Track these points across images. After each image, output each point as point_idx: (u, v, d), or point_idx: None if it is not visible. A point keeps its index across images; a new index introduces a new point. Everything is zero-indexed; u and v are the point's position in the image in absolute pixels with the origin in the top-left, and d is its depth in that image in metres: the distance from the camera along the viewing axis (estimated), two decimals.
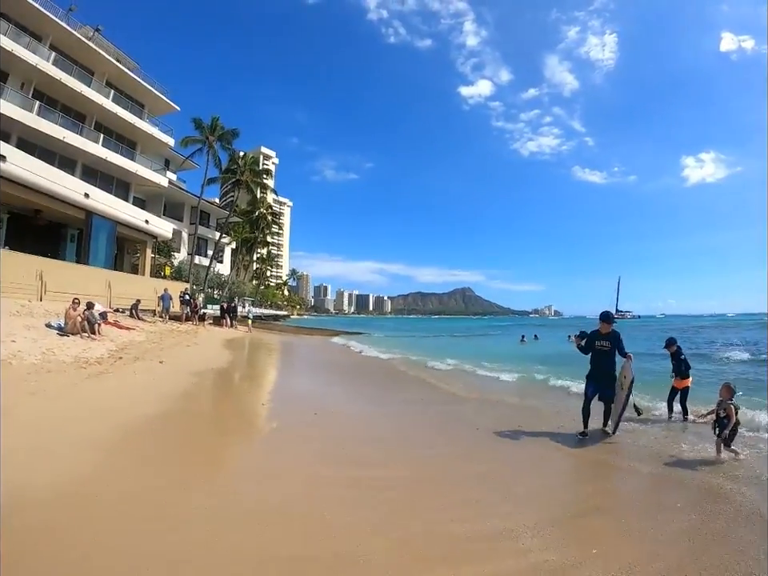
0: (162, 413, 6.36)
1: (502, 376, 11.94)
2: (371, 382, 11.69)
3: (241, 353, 16.36)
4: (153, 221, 27.67)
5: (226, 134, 39.11)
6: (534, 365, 14.46)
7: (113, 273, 22.89)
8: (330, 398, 8.72)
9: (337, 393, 9.54)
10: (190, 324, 23.59)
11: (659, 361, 16.42)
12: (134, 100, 29.61)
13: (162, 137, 31.27)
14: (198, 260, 43.73)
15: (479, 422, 6.77)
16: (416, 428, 6.69)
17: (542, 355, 18.95)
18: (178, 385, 8.43)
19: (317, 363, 15.98)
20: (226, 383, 10.08)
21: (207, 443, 5.33)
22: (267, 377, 12.06)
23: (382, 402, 8.68)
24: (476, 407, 8.12)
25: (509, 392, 9.80)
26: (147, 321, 19.56)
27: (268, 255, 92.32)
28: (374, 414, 7.61)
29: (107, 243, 24.08)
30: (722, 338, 28.68)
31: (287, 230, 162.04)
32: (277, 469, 4.41)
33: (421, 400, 8.78)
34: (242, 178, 42.27)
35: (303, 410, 7.25)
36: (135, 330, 15.35)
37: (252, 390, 9.67)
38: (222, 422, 6.42)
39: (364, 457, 5.01)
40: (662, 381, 8.30)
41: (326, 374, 12.73)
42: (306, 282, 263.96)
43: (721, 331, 40.40)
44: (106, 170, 27.07)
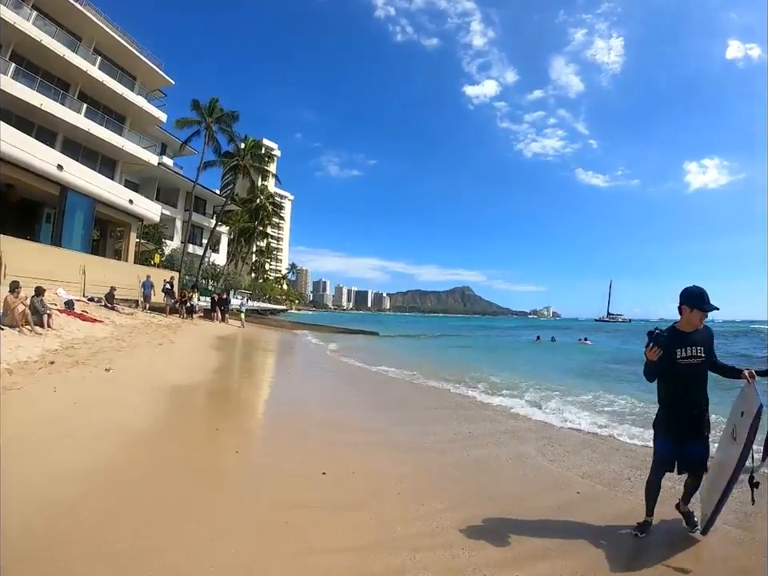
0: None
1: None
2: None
3: (227, 357, 13.05)
4: (138, 201, 25.07)
5: (225, 117, 36.49)
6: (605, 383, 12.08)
7: (89, 257, 20.30)
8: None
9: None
10: (177, 317, 21.20)
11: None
12: (125, 70, 27.01)
13: (153, 111, 28.66)
14: (192, 249, 41.28)
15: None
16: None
17: (588, 366, 17.21)
18: (103, 422, 5.07)
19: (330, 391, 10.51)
20: (185, 421, 5.88)
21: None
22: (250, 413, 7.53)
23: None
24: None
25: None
26: (124, 312, 17.11)
27: (267, 248, 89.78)
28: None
29: (84, 223, 21.47)
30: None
31: (288, 224, 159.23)
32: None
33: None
34: (242, 162, 39.60)
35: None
36: (103, 322, 12.91)
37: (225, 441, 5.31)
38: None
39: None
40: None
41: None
42: (305, 277, 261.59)
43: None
44: (90, 144, 24.57)
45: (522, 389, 10.04)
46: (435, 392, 9.39)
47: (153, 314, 19.74)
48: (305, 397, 8.12)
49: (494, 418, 7.14)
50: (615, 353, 23.66)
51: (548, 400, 8.71)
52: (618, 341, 36.35)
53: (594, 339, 33.85)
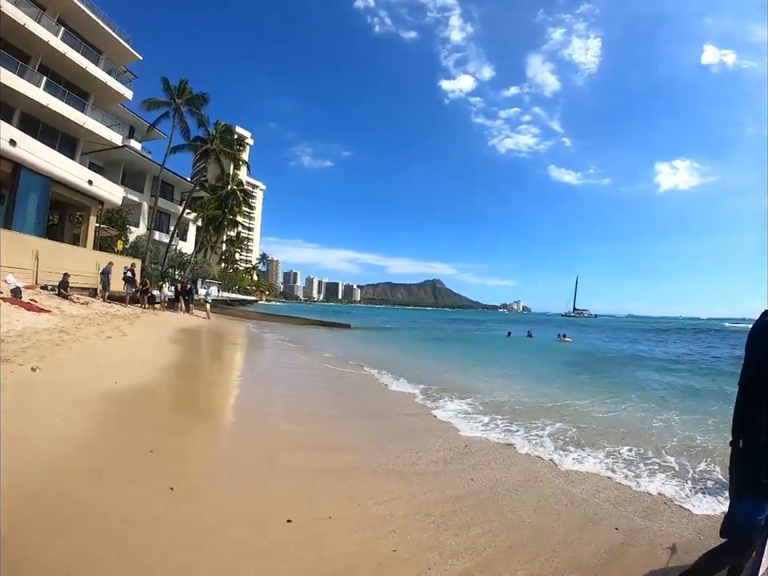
0: None
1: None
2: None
3: (184, 352, 11.50)
4: (98, 182, 23.49)
5: (195, 99, 35.03)
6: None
7: (43, 242, 18.83)
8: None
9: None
10: (138, 307, 20.02)
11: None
12: (90, 44, 25.31)
13: (119, 88, 26.99)
14: (159, 236, 39.71)
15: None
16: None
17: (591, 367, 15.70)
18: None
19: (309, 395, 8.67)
20: (109, 441, 4.36)
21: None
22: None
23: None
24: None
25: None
26: (78, 301, 15.91)
27: (237, 237, 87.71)
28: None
29: (39, 205, 19.94)
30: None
31: (259, 214, 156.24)
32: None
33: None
34: (212, 146, 38.10)
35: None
36: (51, 312, 11.79)
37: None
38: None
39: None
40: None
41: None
42: (275, 268, 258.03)
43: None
44: (50, 120, 22.91)
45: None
46: (412, 397, 8.55)
47: (112, 303, 18.54)
48: (268, 403, 7.05)
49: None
50: (611, 352, 22.47)
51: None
52: (594, 337, 35.99)
53: (571, 335, 33.19)
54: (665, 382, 12.44)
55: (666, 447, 5.88)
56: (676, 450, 5.77)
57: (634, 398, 9.43)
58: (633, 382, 12.34)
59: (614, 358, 19.65)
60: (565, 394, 9.50)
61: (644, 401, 9.26)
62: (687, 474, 4.89)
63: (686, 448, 5.91)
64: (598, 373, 14.07)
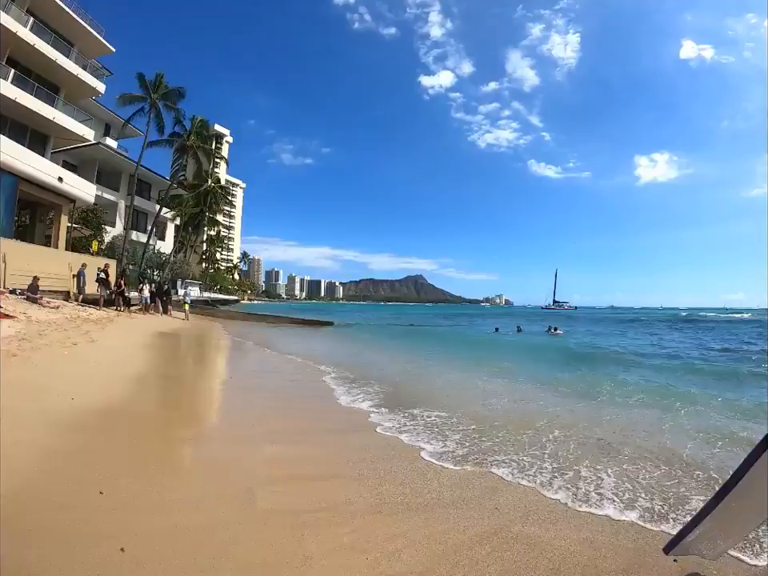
0: None
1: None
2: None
3: (157, 360, 10.35)
4: (69, 179, 22.49)
5: (171, 93, 34.04)
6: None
7: (11, 243, 17.87)
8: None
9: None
10: (114, 310, 19.17)
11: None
12: (61, 35, 24.21)
13: (91, 81, 25.88)
14: (136, 236, 38.62)
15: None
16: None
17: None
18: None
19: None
20: (51, 483, 3.37)
21: None
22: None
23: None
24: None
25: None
26: (48, 305, 15.04)
27: (217, 236, 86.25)
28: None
29: (6, 204, 18.92)
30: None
31: (239, 212, 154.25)
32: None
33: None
34: (188, 142, 37.08)
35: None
36: (15, 318, 10.98)
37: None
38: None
39: None
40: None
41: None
42: (257, 267, 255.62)
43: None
44: (18, 116, 21.82)
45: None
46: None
47: (85, 306, 17.67)
48: (247, 419, 6.11)
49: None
50: (606, 347, 20.56)
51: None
52: (583, 330, 33.74)
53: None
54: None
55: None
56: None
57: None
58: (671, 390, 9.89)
59: (618, 355, 17.35)
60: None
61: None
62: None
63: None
64: (614, 374, 11.89)
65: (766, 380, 11.72)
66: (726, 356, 17.41)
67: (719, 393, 9.24)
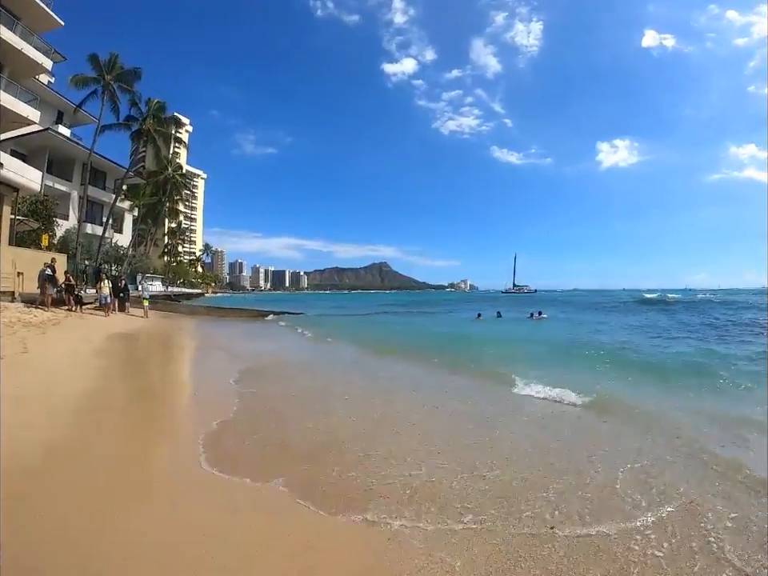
0: None
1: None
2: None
3: (108, 374, 8.11)
4: (11, 165, 20.37)
5: (126, 74, 31.74)
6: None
7: None
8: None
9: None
10: (64, 309, 17.29)
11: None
12: (5, 7, 21.75)
13: (37, 57, 23.56)
14: (92, 229, 36.13)
15: None
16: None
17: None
18: None
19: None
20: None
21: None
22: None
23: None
24: None
25: None
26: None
27: (179, 228, 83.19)
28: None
29: None
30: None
31: (201, 204, 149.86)
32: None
33: None
34: (144, 126, 34.73)
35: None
36: None
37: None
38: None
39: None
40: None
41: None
42: (220, 259, 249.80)
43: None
44: None
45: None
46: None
47: (30, 308, 15.72)
48: (216, 457, 4.21)
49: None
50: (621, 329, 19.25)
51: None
52: (556, 311, 33.31)
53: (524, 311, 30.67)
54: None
55: None
56: None
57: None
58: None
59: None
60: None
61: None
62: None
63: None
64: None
65: None
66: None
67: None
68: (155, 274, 56.60)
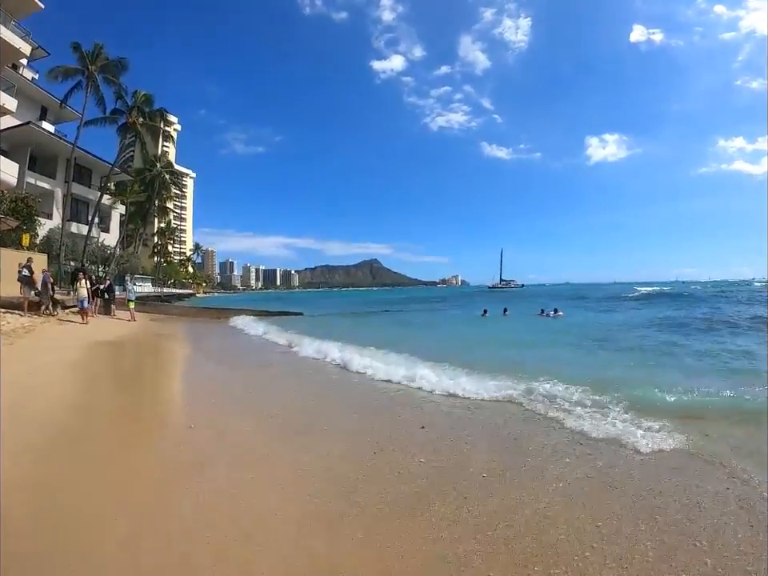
0: None
1: None
2: None
3: (84, 398, 6.35)
4: None
5: (111, 65, 30.19)
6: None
7: None
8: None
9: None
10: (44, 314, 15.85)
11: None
12: None
13: (13, 40, 22.15)
14: (77, 228, 34.59)
15: None
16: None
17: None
18: None
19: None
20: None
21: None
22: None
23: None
24: None
25: None
26: None
27: (168, 227, 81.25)
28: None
29: None
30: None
31: (190, 203, 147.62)
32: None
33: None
34: (131, 119, 33.15)
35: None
36: None
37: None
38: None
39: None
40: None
41: None
42: (211, 259, 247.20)
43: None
44: None
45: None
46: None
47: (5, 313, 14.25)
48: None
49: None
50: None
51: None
52: (565, 307, 30.05)
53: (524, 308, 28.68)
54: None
55: None
56: None
57: None
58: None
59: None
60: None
61: None
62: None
63: None
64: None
65: None
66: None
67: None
68: (145, 274, 55.11)
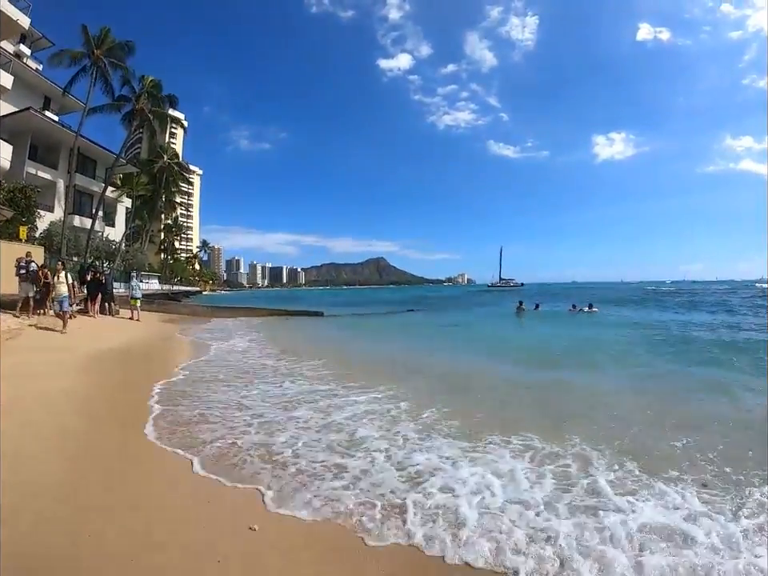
0: None
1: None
2: None
3: (71, 447, 4.24)
4: None
5: (118, 48, 28.38)
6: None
7: None
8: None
9: None
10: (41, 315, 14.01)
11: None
12: None
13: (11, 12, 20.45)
14: (80, 222, 32.85)
15: None
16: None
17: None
18: None
19: None
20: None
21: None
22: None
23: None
24: None
25: None
26: None
27: (175, 223, 79.56)
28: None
29: None
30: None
31: (197, 200, 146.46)
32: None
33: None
34: (138, 105, 31.28)
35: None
36: None
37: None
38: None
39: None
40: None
41: None
42: (217, 256, 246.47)
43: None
44: None
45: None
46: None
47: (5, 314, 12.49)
48: None
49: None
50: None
51: None
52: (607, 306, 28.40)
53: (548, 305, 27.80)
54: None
55: None
56: None
57: None
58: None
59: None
60: None
61: None
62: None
63: None
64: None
65: None
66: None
67: None
68: (151, 271, 53.62)
